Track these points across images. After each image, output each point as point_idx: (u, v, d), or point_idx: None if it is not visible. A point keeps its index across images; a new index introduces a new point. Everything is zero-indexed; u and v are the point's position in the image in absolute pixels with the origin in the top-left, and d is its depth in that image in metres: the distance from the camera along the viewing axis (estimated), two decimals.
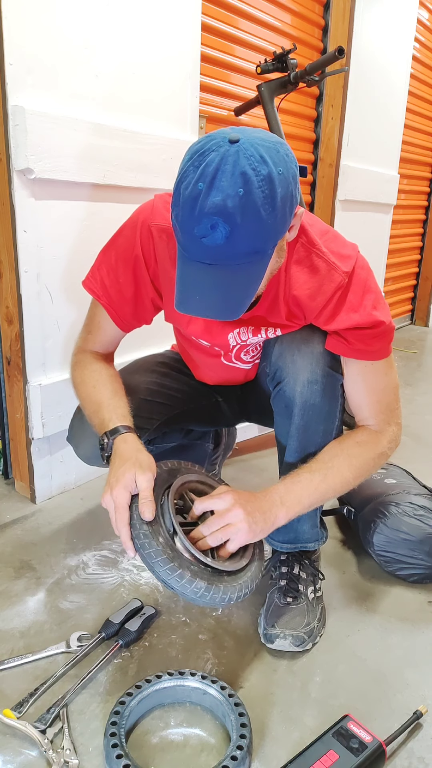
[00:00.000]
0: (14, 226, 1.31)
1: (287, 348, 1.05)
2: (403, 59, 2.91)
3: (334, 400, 1.06)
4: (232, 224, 0.74)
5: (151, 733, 0.88)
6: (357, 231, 2.80)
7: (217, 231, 0.74)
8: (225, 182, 0.73)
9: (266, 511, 0.94)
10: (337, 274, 0.96)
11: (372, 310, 0.97)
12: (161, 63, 1.54)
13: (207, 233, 0.74)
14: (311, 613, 1.08)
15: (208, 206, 0.73)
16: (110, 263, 1.06)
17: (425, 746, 0.88)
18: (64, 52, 1.30)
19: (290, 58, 1.69)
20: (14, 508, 1.50)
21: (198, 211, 0.74)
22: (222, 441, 1.56)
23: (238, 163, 0.73)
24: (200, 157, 0.75)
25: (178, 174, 0.78)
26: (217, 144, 0.75)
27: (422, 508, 1.29)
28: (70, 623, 1.10)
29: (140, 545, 0.86)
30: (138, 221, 1.02)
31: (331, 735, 0.84)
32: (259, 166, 0.74)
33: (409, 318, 4.09)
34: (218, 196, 0.73)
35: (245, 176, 0.73)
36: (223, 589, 0.88)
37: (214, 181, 0.73)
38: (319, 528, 1.17)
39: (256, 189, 0.73)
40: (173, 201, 0.79)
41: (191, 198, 0.74)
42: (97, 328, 1.12)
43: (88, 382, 1.07)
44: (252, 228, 0.75)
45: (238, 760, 0.80)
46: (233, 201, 0.73)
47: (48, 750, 0.83)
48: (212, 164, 0.73)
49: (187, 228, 0.76)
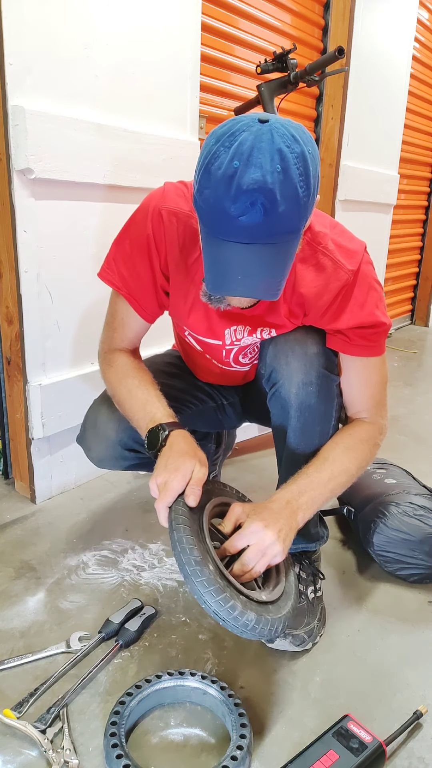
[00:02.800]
0: (14, 226, 1.31)
1: (281, 350, 1.05)
2: (403, 59, 2.91)
3: (330, 401, 1.05)
4: (272, 201, 0.72)
5: (151, 733, 0.88)
6: (357, 231, 2.78)
7: (256, 208, 0.72)
8: (262, 158, 0.72)
9: (290, 521, 0.93)
10: (343, 272, 0.96)
11: (375, 309, 0.98)
12: (161, 63, 1.54)
13: (246, 211, 0.73)
14: (311, 613, 1.08)
15: (247, 183, 0.72)
16: (125, 252, 1.05)
17: (425, 746, 0.88)
18: (64, 52, 1.30)
19: (290, 58, 1.69)
20: (14, 508, 1.50)
21: (235, 189, 0.72)
22: (223, 441, 1.56)
23: (274, 141, 0.72)
24: (230, 137, 0.73)
25: (202, 159, 0.76)
26: (246, 125, 0.74)
27: (422, 508, 1.29)
28: (70, 623, 1.10)
29: (191, 572, 0.81)
30: (149, 207, 1.01)
31: (331, 735, 0.84)
32: (293, 144, 0.73)
33: (409, 318, 4.09)
34: (257, 173, 0.71)
35: (281, 153, 0.72)
36: (271, 621, 0.85)
37: (251, 158, 0.72)
38: (319, 528, 1.17)
39: (293, 166, 0.73)
40: (200, 185, 0.76)
41: (226, 176, 0.72)
42: (121, 324, 1.11)
43: (131, 380, 1.06)
44: (290, 205, 0.74)
45: (238, 760, 0.80)
46: (273, 177, 0.72)
47: (48, 750, 0.83)
48: (246, 142, 0.72)
49: (221, 207, 0.74)
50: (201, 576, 0.80)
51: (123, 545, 1.35)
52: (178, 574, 1.25)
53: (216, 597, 0.80)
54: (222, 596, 0.80)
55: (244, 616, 0.81)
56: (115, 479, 1.65)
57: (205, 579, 0.80)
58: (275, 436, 1.12)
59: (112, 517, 1.47)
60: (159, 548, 1.34)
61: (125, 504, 1.54)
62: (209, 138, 0.77)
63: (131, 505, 1.53)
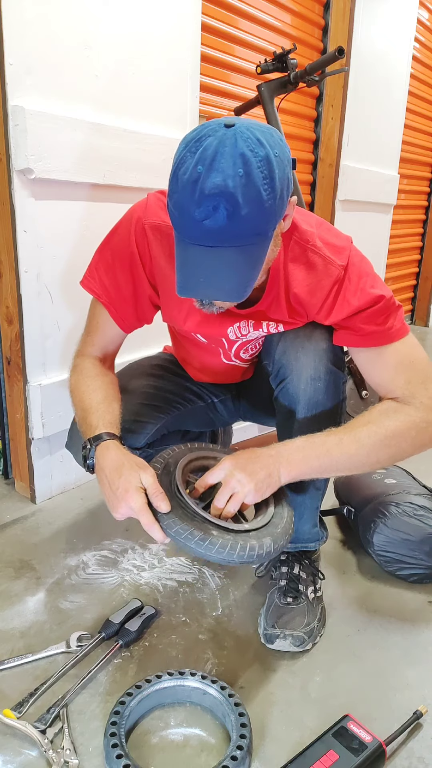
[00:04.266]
0: (14, 226, 1.31)
1: (290, 345, 1.05)
2: (403, 59, 2.91)
3: (337, 397, 1.06)
4: (233, 204, 0.74)
5: (151, 733, 0.88)
6: (357, 231, 2.79)
7: (218, 212, 0.74)
8: (224, 163, 0.73)
9: (269, 467, 0.94)
10: (333, 268, 0.96)
11: (370, 289, 0.95)
12: (161, 63, 1.54)
13: (209, 215, 0.74)
14: (311, 613, 1.08)
15: (209, 187, 0.73)
16: (107, 262, 1.06)
17: (425, 746, 0.88)
18: (64, 52, 1.30)
19: (290, 58, 1.69)
20: (14, 508, 1.50)
21: (198, 194, 0.74)
22: (219, 440, 1.56)
23: (237, 145, 0.73)
24: (197, 143, 0.75)
25: (173, 164, 0.78)
26: (213, 129, 0.75)
27: (422, 508, 1.29)
28: (70, 623, 1.10)
29: (173, 533, 0.87)
30: (132, 220, 1.02)
31: (331, 735, 0.84)
32: (257, 148, 0.74)
33: (409, 318, 4.09)
34: (218, 177, 0.73)
35: (244, 157, 0.73)
36: (250, 546, 0.88)
37: (214, 163, 0.73)
38: (319, 528, 1.17)
39: (256, 170, 0.74)
40: (170, 189, 0.79)
41: (191, 182, 0.74)
42: (97, 329, 1.12)
43: (81, 387, 1.06)
44: (253, 208, 0.75)
45: (238, 760, 0.80)
46: (234, 181, 0.73)
47: (48, 750, 0.83)
48: (210, 147, 0.74)
49: (187, 211, 0.76)
50: (167, 519, 0.87)
51: (123, 545, 1.35)
52: (178, 574, 1.25)
53: (183, 534, 0.86)
54: (187, 532, 0.86)
55: (216, 544, 0.86)
56: None
57: (170, 521, 0.87)
58: (280, 432, 1.12)
59: (112, 517, 1.46)
60: (159, 548, 1.34)
61: None
62: (181, 143, 0.79)
63: None
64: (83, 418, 1.02)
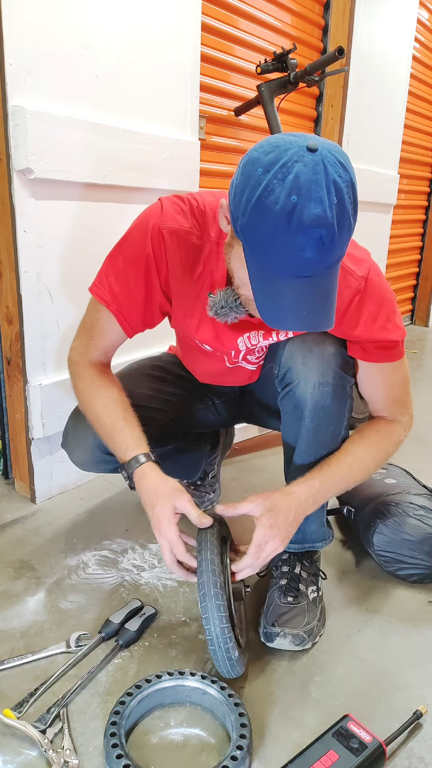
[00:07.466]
0: (14, 226, 1.31)
1: (298, 349, 1.04)
2: (403, 59, 2.91)
3: (343, 402, 1.06)
4: (331, 234, 0.72)
5: (151, 733, 0.88)
6: (357, 231, 2.79)
7: (318, 242, 0.72)
8: (321, 193, 0.71)
9: (297, 522, 0.98)
10: (353, 278, 0.95)
11: (387, 323, 0.99)
12: (161, 63, 1.54)
13: (308, 246, 0.72)
14: (311, 613, 1.08)
15: (309, 218, 0.71)
16: (119, 268, 1.03)
17: (425, 746, 0.88)
18: (64, 52, 1.30)
19: (290, 58, 1.69)
20: (14, 508, 1.50)
21: (296, 225, 0.71)
22: (220, 441, 1.56)
23: (328, 173, 0.71)
24: (282, 169, 0.71)
25: (250, 189, 0.74)
26: (297, 155, 0.72)
27: (422, 508, 1.29)
28: (70, 623, 1.10)
29: (214, 594, 0.89)
30: (148, 224, 0.99)
31: (331, 735, 0.84)
32: (343, 173, 0.73)
33: (409, 318, 4.09)
34: (318, 208, 0.71)
35: (336, 185, 0.72)
36: (244, 662, 0.97)
37: (310, 193, 0.71)
38: (325, 527, 1.17)
39: (346, 196, 0.73)
40: (251, 218, 0.74)
41: (285, 212, 0.71)
42: (100, 333, 1.08)
43: (95, 402, 1.05)
44: (345, 234, 0.75)
45: (238, 760, 0.80)
46: (331, 210, 0.71)
47: (48, 750, 0.83)
48: (302, 175, 0.71)
49: (281, 243, 0.73)
50: (219, 600, 0.88)
51: (123, 545, 1.35)
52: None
53: (223, 624, 0.88)
54: (227, 625, 0.88)
55: (235, 651, 0.91)
56: (115, 479, 1.65)
57: (221, 604, 0.89)
58: (285, 436, 1.12)
59: (112, 517, 1.47)
60: (159, 548, 1.34)
61: (125, 504, 1.54)
62: (252, 166, 0.74)
63: (131, 505, 1.53)
64: (110, 436, 1.03)
